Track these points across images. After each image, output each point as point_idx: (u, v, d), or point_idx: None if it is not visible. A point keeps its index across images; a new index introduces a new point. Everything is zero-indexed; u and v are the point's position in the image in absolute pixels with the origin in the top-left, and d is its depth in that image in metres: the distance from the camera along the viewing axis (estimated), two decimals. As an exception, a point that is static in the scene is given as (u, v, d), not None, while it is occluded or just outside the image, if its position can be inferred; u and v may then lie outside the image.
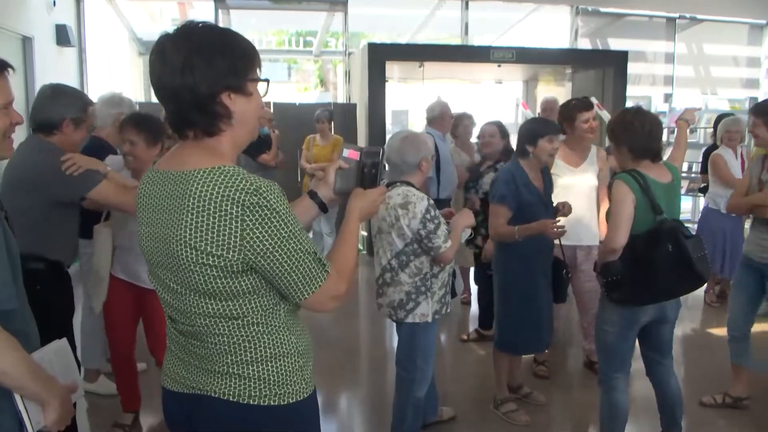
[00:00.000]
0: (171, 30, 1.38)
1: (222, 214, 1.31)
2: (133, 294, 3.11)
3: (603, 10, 9.73)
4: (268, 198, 1.31)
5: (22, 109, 1.83)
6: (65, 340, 1.68)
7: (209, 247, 1.32)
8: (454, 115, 5.68)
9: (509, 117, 10.72)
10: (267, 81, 1.44)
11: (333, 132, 6.79)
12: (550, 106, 5.70)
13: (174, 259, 1.38)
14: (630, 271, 2.67)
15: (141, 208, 1.49)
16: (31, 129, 2.71)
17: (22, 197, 2.47)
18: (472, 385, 4.05)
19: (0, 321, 1.39)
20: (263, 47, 11.35)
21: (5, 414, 1.43)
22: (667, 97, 10.27)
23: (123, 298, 3.11)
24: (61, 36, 7.10)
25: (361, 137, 7.87)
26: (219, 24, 8.00)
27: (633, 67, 8.84)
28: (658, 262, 2.62)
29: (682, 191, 3.21)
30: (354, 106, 8.18)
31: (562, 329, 4.66)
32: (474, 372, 4.29)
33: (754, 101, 8.30)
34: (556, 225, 3.20)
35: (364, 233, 7.15)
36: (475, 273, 5.00)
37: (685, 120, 3.49)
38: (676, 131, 3.70)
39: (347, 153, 1.65)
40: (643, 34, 10.18)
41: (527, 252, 3.29)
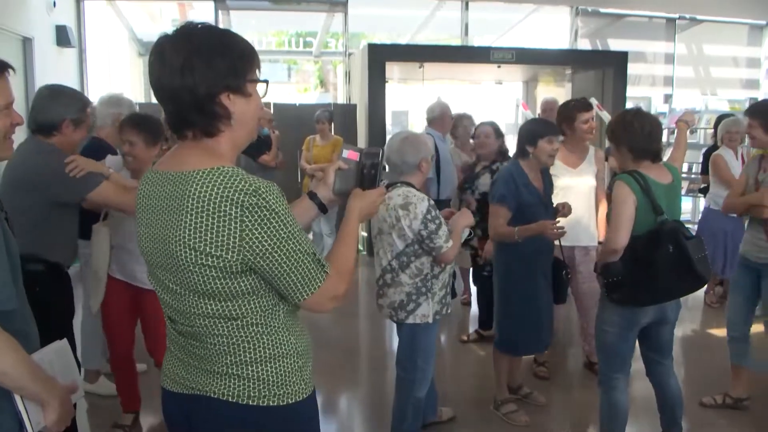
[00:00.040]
0: (170, 31, 1.38)
1: (221, 214, 1.31)
2: (131, 294, 3.11)
3: (603, 10, 9.73)
4: (267, 199, 1.31)
5: (22, 110, 1.83)
6: (65, 340, 1.68)
7: (208, 248, 1.32)
8: (454, 116, 5.68)
9: (509, 117, 10.74)
10: (266, 82, 1.44)
11: (333, 133, 6.79)
12: (550, 106, 5.70)
13: (173, 260, 1.38)
14: (630, 272, 2.67)
15: (140, 208, 1.49)
16: (30, 130, 2.70)
17: (21, 197, 2.47)
18: (471, 386, 4.05)
19: (0, 321, 1.39)
20: (263, 48, 11.36)
21: (5, 414, 1.43)
22: (667, 98, 10.28)
23: (120, 298, 3.10)
24: (61, 36, 7.11)
25: (361, 138, 7.87)
26: (219, 25, 8.02)
27: (633, 68, 8.84)
28: (658, 262, 2.62)
29: (682, 192, 3.20)
30: (354, 106, 8.18)
31: (562, 330, 4.65)
32: (474, 372, 4.29)
33: (754, 102, 8.29)
34: (555, 226, 3.20)
35: (364, 234, 7.15)
36: (473, 274, 4.98)
37: (685, 121, 3.50)
38: (676, 132, 3.70)
39: (347, 154, 1.65)
40: (643, 34, 10.18)
41: (527, 252, 3.29)
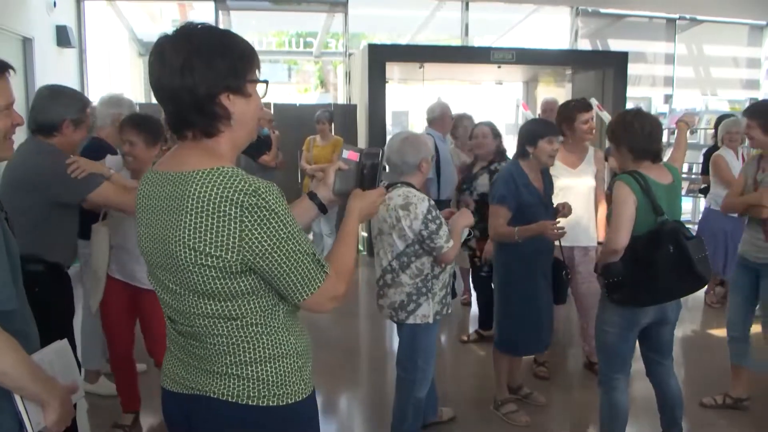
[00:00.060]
0: (170, 31, 1.38)
1: (221, 215, 1.31)
2: (129, 294, 3.11)
3: (603, 11, 9.74)
4: (266, 199, 1.31)
5: (22, 110, 1.83)
6: (66, 340, 1.68)
7: (208, 248, 1.32)
8: (454, 116, 5.68)
9: (509, 118, 10.74)
10: (266, 82, 1.44)
11: (333, 133, 6.79)
12: (550, 107, 5.70)
13: (173, 260, 1.38)
14: (631, 272, 2.67)
15: (140, 208, 1.49)
16: (30, 130, 2.70)
17: (21, 197, 2.47)
18: (471, 386, 4.05)
19: (0, 321, 1.39)
20: (263, 48, 11.37)
21: (5, 414, 1.43)
22: (667, 98, 10.28)
23: (119, 297, 3.11)
24: (62, 37, 7.11)
25: (362, 138, 7.87)
26: (219, 25, 8.02)
27: (633, 68, 8.84)
28: (659, 263, 2.62)
29: (682, 192, 3.20)
30: (354, 107, 8.18)
31: (562, 330, 4.65)
32: (474, 372, 4.29)
33: (754, 102, 8.29)
34: (555, 226, 3.20)
35: (364, 234, 7.15)
36: (471, 275, 4.93)
37: (685, 122, 3.51)
38: (676, 132, 3.71)
39: (347, 154, 1.65)
40: (643, 35, 10.18)
41: (527, 253, 3.29)
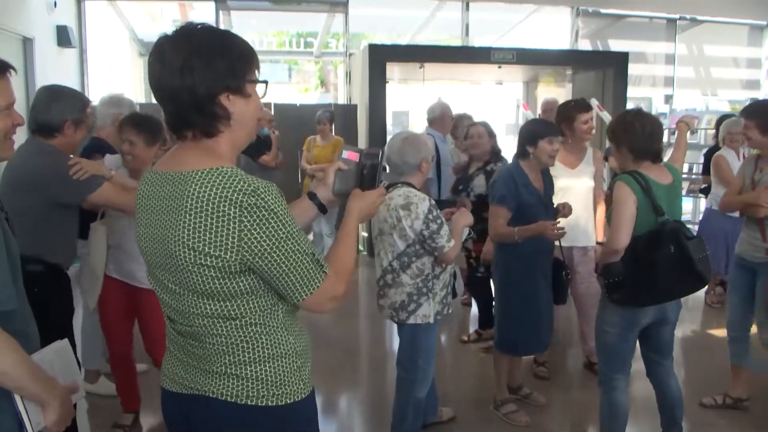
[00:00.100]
0: (170, 32, 1.38)
1: (220, 215, 1.31)
2: (127, 293, 3.11)
3: (603, 11, 9.74)
4: (265, 199, 1.32)
5: (22, 110, 1.83)
6: (66, 340, 1.68)
7: (207, 248, 1.32)
8: (454, 116, 5.68)
9: (510, 118, 10.75)
10: (265, 82, 1.44)
11: (333, 133, 6.79)
12: (550, 107, 5.71)
13: (172, 260, 1.38)
14: (631, 272, 2.67)
15: (140, 208, 1.49)
16: (30, 131, 2.70)
17: (21, 198, 2.47)
18: (471, 386, 4.05)
19: (0, 322, 1.39)
20: (264, 48, 11.38)
21: (5, 414, 1.43)
22: (668, 99, 10.28)
23: (117, 297, 3.11)
24: (62, 37, 7.11)
25: (362, 138, 7.87)
26: (220, 25, 8.03)
27: (633, 69, 8.84)
28: (659, 263, 2.62)
29: (682, 192, 3.20)
30: (354, 107, 8.18)
31: (562, 330, 4.65)
32: (474, 372, 4.29)
33: (751, 102, 8.29)
34: (555, 226, 3.20)
35: (364, 234, 7.15)
36: (467, 276, 4.75)
37: (685, 123, 3.51)
38: (676, 133, 3.71)
39: (346, 154, 1.65)
40: (644, 35, 10.18)
41: (527, 253, 3.29)
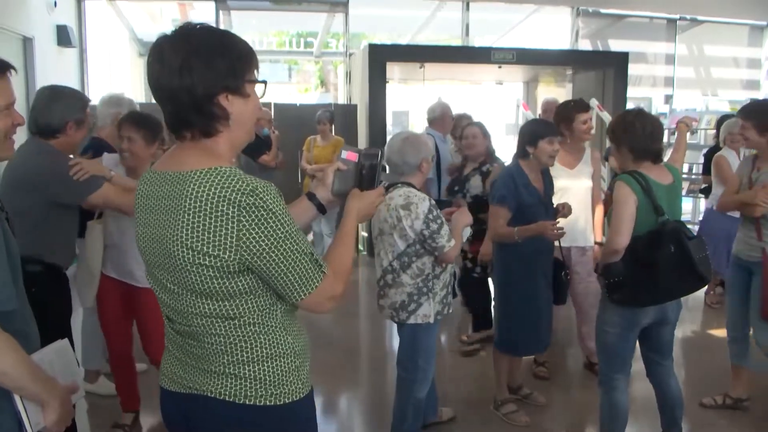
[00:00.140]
0: (169, 32, 1.38)
1: (218, 214, 1.31)
2: (124, 292, 3.11)
3: (603, 11, 9.74)
4: (264, 199, 1.32)
5: (22, 110, 1.83)
6: (66, 340, 1.68)
7: (206, 248, 1.33)
8: (454, 116, 5.68)
9: (510, 118, 10.74)
10: (264, 82, 1.44)
11: (334, 133, 6.79)
12: (550, 107, 5.70)
13: (171, 260, 1.38)
14: (631, 272, 2.67)
15: (139, 208, 1.49)
16: (31, 133, 2.70)
17: (21, 198, 2.47)
18: (471, 386, 4.05)
19: (0, 321, 1.39)
20: (264, 48, 11.38)
21: (5, 414, 1.43)
22: (668, 99, 10.29)
23: (115, 296, 3.12)
24: (62, 36, 7.11)
25: (362, 138, 7.87)
26: (220, 25, 8.03)
27: (633, 69, 8.84)
28: (660, 263, 2.62)
29: (682, 192, 3.20)
30: (355, 107, 8.18)
31: (561, 330, 4.65)
32: (474, 373, 4.29)
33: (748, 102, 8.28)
34: (555, 226, 3.20)
35: (364, 234, 7.15)
36: (461, 277, 4.48)
37: (685, 123, 3.51)
38: (676, 134, 3.71)
39: (345, 155, 1.65)
40: (644, 35, 10.19)
41: (527, 253, 3.29)
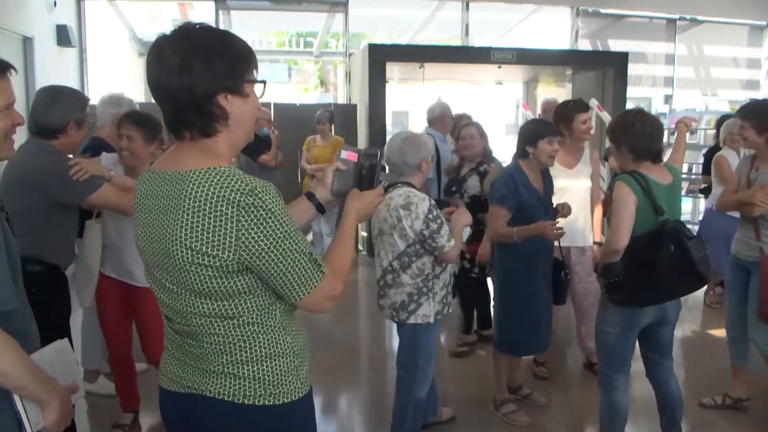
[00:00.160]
0: (168, 31, 1.38)
1: (217, 214, 1.31)
2: (123, 292, 3.11)
3: (603, 11, 9.75)
4: (263, 199, 1.32)
5: (22, 110, 1.83)
6: (66, 340, 1.68)
7: (205, 248, 1.33)
8: (454, 116, 5.68)
9: (509, 118, 10.75)
10: (264, 82, 1.44)
11: (333, 133, 6.79)
12: (550, 107, 5.69)
13: (170, 259, 1.38)
14: (631, 272, 2.67)
15: (138, 208, 1.49)
16: (30, 132, 2.70)
17: (21, 198, 2.47)
18: (471, 386, 4.05)
19: (0, 321, 1.39)
20: (264, 48, 11.37)
21: (5, 414, 1.43)
22: (668, 99, 10.29)
23: (113, 296, 3.12)
24: (62, 36, 7.11)
25: (362, 138, 7.87)
26: (220, 25, 8.03)
27: (633, 69, 8.85)
28: (660, 262, 2.62)
29: (682, 192, 3.21)
30: (354, 107, 8.18)
31: (561, 330, 4.65)
32: (474, 373, 4.29)
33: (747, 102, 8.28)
34: (555, 226, 3.20)
35: (364, 234, 7.15)
36: (458, 278, 4.32)
37: (685, 124, 3.51)
38: (675, 134, 3.71)
39: (345, 154, 1.65)
40: (644, 35, 10.19)
41: (527, 253, 3.29)
